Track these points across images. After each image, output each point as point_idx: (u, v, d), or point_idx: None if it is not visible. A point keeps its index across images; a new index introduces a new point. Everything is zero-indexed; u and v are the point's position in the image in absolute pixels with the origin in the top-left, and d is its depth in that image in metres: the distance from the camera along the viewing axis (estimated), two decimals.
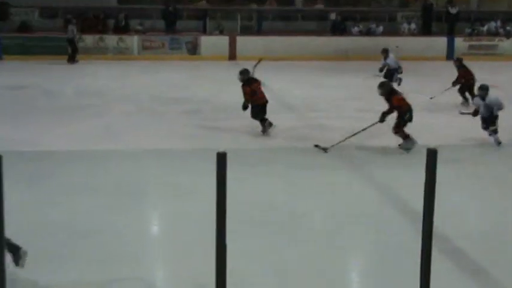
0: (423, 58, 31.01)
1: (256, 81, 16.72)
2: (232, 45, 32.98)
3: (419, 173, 4.95)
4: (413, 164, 8.42)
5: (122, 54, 32.65)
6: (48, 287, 8.32)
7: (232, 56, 32.35)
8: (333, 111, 19.92)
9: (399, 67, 23.21)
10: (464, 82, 20.85)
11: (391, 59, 23.11)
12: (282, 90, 22.29)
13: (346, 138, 15.13)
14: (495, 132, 15.48)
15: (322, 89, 22.03)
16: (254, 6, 37.95)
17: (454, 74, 21.24)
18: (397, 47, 24.87)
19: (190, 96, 18.70)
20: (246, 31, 35.48)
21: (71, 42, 31.57)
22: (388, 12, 39.07)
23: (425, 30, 36.25)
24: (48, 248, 9.45)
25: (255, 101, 16.48)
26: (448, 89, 20.83)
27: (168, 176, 13.29)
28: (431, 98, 20.55)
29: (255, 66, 17.63)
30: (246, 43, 32.84)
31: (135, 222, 10.95)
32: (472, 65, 21.43)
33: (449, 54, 32.95)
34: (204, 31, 35.37)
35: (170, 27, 35.33)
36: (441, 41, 33.83)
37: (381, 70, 23.24)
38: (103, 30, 34.82)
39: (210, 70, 19.97)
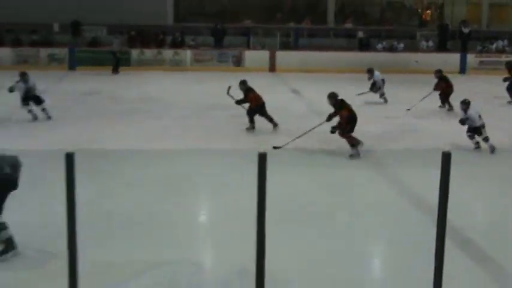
0: None
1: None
2: (272, 58, 32.92)
3: (435, 172, 4.90)
4: (430, 164, 8.30)
5: (177, 65, 32.72)
6: (109, 265, 8.35)
7: (272, 68, 32.30)
8: (358, 116, 19.77)
9: (383, 82, 22.60)
10: (443, 91, 21.02)
11: (378, 76, 22.64)
12: (314, 98, 22.21)
13: (295, 138, 15.18)
14: (486, 140, 15.22)
15: (349, 98, 21.87)
16: (292, 24, 37.89)
17: (465, 86, 21.09)
18: (416, 61, 24.61)
19: (230, 102, 18.56)
20: (285, 46, 35.42)
21: (115, 55, 31.77)
22: (408, 31, 38.80)
23: (441, 47, 35.99)
24: (108, 233, 9.52)
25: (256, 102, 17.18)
26: (426, 97, 20.79)
27: (215, 172, 13.30)
28: (408, 110, 20.42)
29: (228, 93, 17.78)
30: (284, 57, 32.78)
31: (185, 212, 10.98)
32: (481, 78, 21.29)
33: (462, 69, 32.83)
34: (248, 46, 35.38)
35: (218, 43, 35.44)
36: (455, 57, 33.53)
37: (371, 88, 22.46)
38: (161, 45, 35.01)
39: (252, 80, 19.74)
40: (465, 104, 15.50)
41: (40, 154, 13.11)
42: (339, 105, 15.00)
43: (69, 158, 4.78)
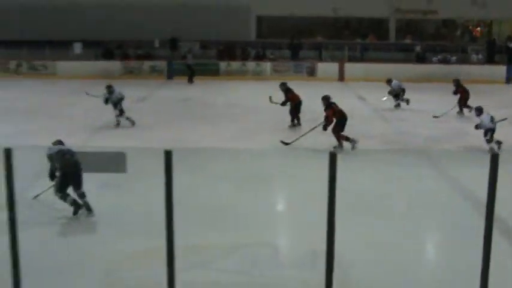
0: (487, 82, 30.16)
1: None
2: (341, 69, 32.76)
3: (484, 170, 4.83)
4: (479, 162, 8.19)
5: (258, 75, 32.78)
6: (201, 247, 8.46)
7: (341, 78, 32.12)
8: (416, 120, 19.60)
9: (403, 90, 22.31)
10: (461, 96, 20.82)
11: (395, 84, 22.31)
12: (378, 104, 22.07)
13: (300, 136, 15.66)
14: (498, 143, 15.02)
15: (408, 104, 21.67)
16: (358, 40, 37.67)
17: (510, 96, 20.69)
18: (460, 78, 24.08)
19: (309, 108, 18.53)
20: (352, 59, 35.18)
21: (189, 67, 31.86)
22: (460, 46, 38.15)
23: (489, 60, 35.26)
24: (197, 218, 9.64)
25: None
26: (453, 108, 20.52)
27: (290, 169, 13.34)
28: (436, 117, 20.01)
29: (271, 101, 18.43)
30: (351, 68, 32.56)
31: (264, 202, 11.07)
32: None
33: (507, 79, 32.10)
34: (320, 59, 35.23)
35: (294, 56, 35.48)
36: (501, 69, 32.81)
37: (389, 93, 22.31)
38: (245, 58, 35.14)
39: (324, 88, 19.72)
40: (478, 111, 15.49)
41: (143, 151, 13.32)
42: (329, 105, 15.59)
43: (168, 155, 4.86)
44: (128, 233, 9.25)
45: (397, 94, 22.16)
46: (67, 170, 9.57)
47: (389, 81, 22.43)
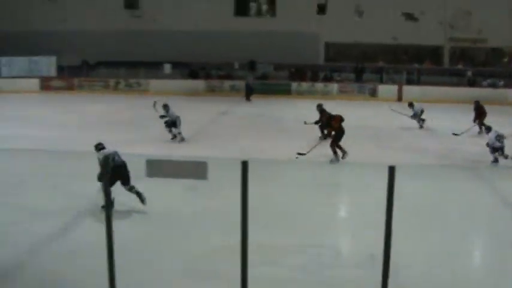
0: None
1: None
2: (400, 91, 32.38)
3: None
4: None
5: (326, 95, 32.59)
6: (266, 245, 8.43)
7: (399, 99, 31.67)
8: (467, 137, 19.22)
9: (422, 111, 21.50)
10: (479, 116, 20.15)
11: (417, 107, 21.57)
12: (432, 123, 21.68)
13: (313, 147, 15.36)
14: (505, 157, 14.94)
15: (459, 123, 21.23)
16: (415, 65, 37.14)
17: None
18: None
19: (370, 124, 18.40)
20: (410, 82, 34.71)
21: (248, 86, 31.84)
22: (508, 71, 37.23)
23: None
24: (269, 220, 9.63)
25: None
26: (472, 127, 19.96)
27: (351, 179, 13.23)
28: (455, 134, 19.49)
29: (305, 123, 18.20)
30: (409, 90, 32.11)
31: (328, 207, 10.99)
32: None
33: None
34: (381, 81, 34.90)
35: (358, 78, 35.22)
36: None
37: (413, 117, 21.49)
38: (315, 79, 35.04)
39: (384, 108, 19.52)
40: (487, 129, 15.61)
41: (222, 161, 13.39)
42: (329, 118, 15.76)
43: (245, 165, 4.87)
44: (207, 231, 9.35)
45: (418, 115, 21.62)
46: (117, 169, 10.23)
47: (411, 105, 21.91)
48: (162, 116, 17.88)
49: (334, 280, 7.75)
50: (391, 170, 4.87)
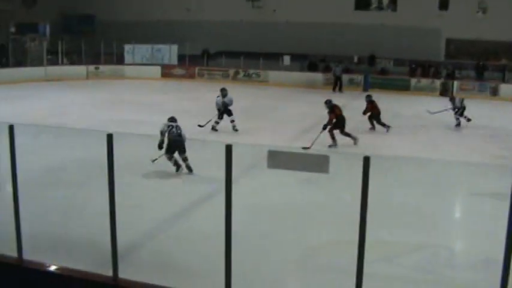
0: None
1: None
2: None
3: None
4: None
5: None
6: (382, 242, 8.33)
7: None
8: None
9: (464, 107, 20.27)
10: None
11: (457, 101, 20.45)
12: None
13: (314, 140, 15.27)
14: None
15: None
16: None
17: None
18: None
19: (487, 124, 17.80)
20: None
21: (338, 79, 32.01)
22: None
23: None
24: (386, 216, 9.47)
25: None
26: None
27: (476, 180, 12.74)
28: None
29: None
30: None
31: (444, 207, 10.74)
32: None
33: None
34: (503, 80, 33.61)
35: (480, 76, 34.15)
36: None
37: (453, 109, 20.42)
38: (435, 76, 34.21)
39: (507, 108, 18.86)
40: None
41: (342, 155, 13.35)
42: (332, 108, 16.15)
43: (366, 161, 4.84)
44: (323, 224, 9.36)
45: (459, 111, 20.53)
46: (174, 139, 12.43)
47: (453, 99, 21.06)
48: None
49: (449, 281, 7.58)
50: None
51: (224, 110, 17.91)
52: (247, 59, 35.35)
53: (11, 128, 6.15)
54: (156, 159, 12.53)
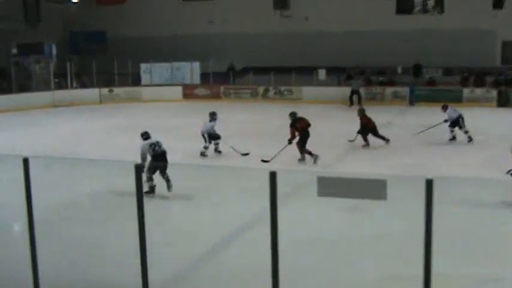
0: None
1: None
2: None
3: None
4: None
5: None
6: (443, 275, 8.26)
7: None
8: None
9: (461, 118, 20.24)
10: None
11: (450, 111, 20.34)
12: None
13: (277, 153, 16.37)
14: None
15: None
16: None
17: None
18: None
19: None
20: None
21: (356, 93, 32.28)
22: None
23: None
24: (445, 246, 9.39)
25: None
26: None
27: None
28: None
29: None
30: None
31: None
32: None
33: None
34: None
35: None
36: None
37: (445, 121, 20.41)
38: (496, 85, 33.62)
39: None
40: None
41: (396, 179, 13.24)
42: (294, 122, 16.88)
43: (429, 184, 4.84)
44: (376, 257, 9.27)
45: (454, 123, 20.37)
46: (157, 158, 12.92)
47: (445, 107, 20.82)
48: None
49: None
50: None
51: (214, 134, 18.38)
52: (278, 75, 35.39)
53: (26, 162, 6.25)
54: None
